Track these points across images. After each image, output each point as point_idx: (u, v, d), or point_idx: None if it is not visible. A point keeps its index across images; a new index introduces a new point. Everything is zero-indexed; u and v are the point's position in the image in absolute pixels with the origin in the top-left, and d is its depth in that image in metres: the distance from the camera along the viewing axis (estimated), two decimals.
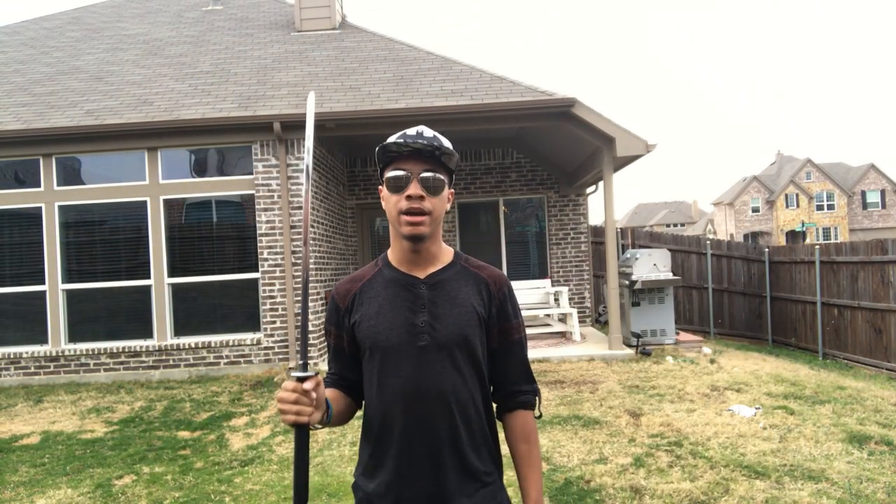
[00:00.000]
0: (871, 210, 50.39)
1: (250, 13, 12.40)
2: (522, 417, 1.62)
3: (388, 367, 1.54)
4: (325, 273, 8.97)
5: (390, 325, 1.55)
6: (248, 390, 7.09)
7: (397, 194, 1.52)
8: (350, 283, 1.66)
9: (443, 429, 1.51)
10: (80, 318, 8.28)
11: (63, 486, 4.56)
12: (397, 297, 1.57)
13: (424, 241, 1.55)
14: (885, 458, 4.51)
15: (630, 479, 4.17)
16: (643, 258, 9.02)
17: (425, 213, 1.51)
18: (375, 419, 1.56)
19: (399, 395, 1.52)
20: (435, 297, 1.56)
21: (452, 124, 8.43)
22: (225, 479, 4.54)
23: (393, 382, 1.53)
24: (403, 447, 1.52)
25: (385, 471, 1.54)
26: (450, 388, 1.52)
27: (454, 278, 1.60)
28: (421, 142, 1.50)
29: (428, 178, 1.51)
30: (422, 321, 1.54)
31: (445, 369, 1.52)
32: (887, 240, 9.53)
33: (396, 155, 1.53)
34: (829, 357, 10.85)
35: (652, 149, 8.24)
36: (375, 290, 1.60)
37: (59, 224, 8.30)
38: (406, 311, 1.55)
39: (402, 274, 1.60)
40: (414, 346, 1.52)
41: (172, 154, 8.35)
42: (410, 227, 1.51)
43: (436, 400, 1.51)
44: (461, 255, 1.67)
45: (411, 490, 1.52)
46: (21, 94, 9.10)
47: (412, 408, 1.51)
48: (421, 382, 1.51)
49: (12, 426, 6.14)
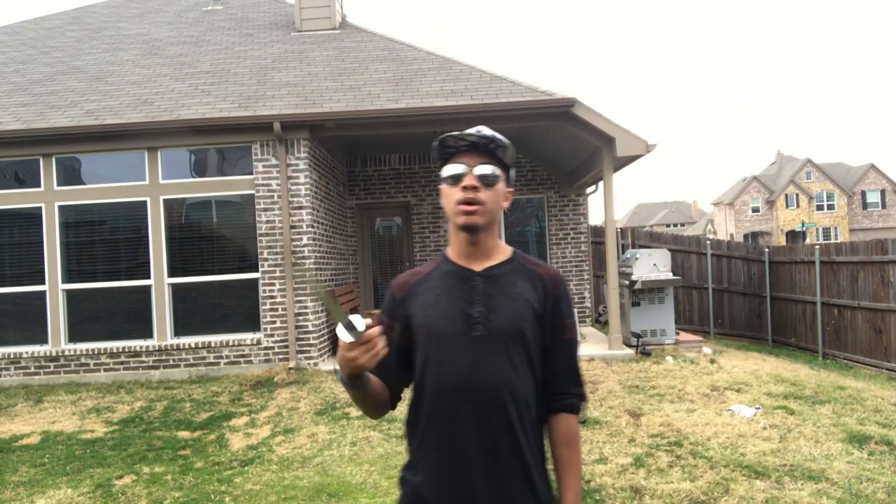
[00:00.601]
0: (871, 210, 50.39)
1: (250, 13, 12.40)
2: (566, 421, 1.61)
3: (442, 357, 1.56)
4: (325, 273, 8.97)
5: (445, 314, 1.57)
6: (248, 390, 7.09)
7: (454, 186, 1.58)
8: (409, 276, 1.71)
9: (497, 422, 1.51)
10: (81, 318, 8.28)
11: (63, 486, 4.56)
12: (454, 288, 1.60)
13: (479, 232, 1.59)
14: (885, 458, 4.51)
15: (630, 479, 4.17)
16: (643, 258, 9.03)
17: (479, 203, 1.55)
18: (426, 409, 1.57)
19: (452, 384, 1.53)
20: (490, 289, 1.58)
21: (452, 124, 8.41)
22: (225, 479, 4.54)
23: (446, 372, 1.54)
24: (456, 437, 1.52)
25: (436, 462, 1.55)
26: (503, 380, 1.52)
27: (510, 273, 1.62)
28: (477, 136, 1.56)
29: (483, 171, 1.56)
30: (477, 312, 1.56)
31: (499, 360, 1.53)
32: (887, 240, 9.53)
33: (454, 150, 1.59)
34: (829, 357, 10.85)
35: (652, 149, 8.24)
36: (432, 281, 1.65)
37: (59, 224, 8.30)
38: (462, 302, 1.58)
39: (458, 267, 1.63)
40: (468, 337, 1.54)
41: (172, 154, 8.35)
42: (465, 216, 1.55)
43: (489, 390, 1.52)
44: (519, 252, 1.70)
45: (466, 481, 1.51)
46: (21, 94, 9.10)
47: (467, 397, 1.52)
48: (475, 372, 1.52)
49: (12, 426, 6.15)
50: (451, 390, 1.53)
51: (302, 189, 8.18)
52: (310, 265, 8.15)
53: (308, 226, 8.18)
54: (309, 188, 8.21)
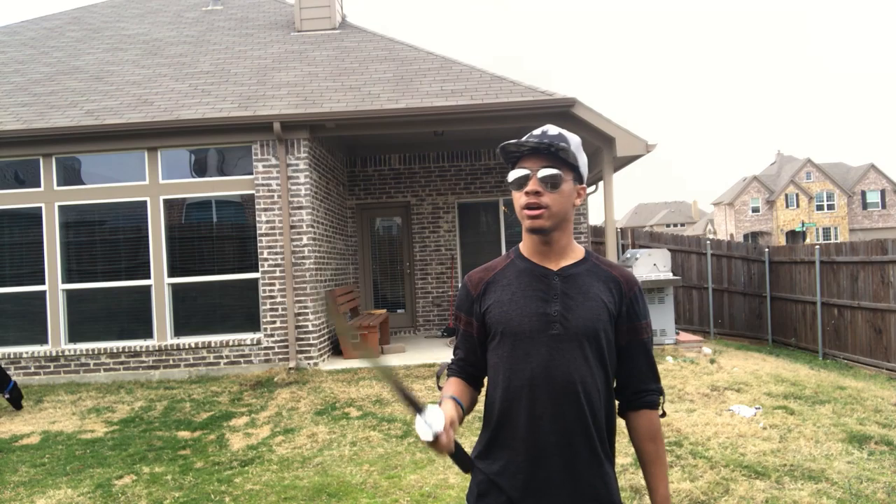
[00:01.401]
0: (871, 210, 50.41)
1: (250, 13, 12.41)
2: (648, 417, 1.66)
3: (518, 353, 1.59)
4: (325, 273, 8.97)
5: (522, 312, 1.60)
6: (248, 390, 7.09)
7: (519, 191, 1.61)
8: (483, 272, 1.73)
9: (572, 417, 1.56)
10: (81, 318, 8.28)
11: (63, 486, 4.56)
12: (530, 286, 1.63)
13: (546, 233, 1.61)
14: (885, 458, 4.52)
15: (630, 479, 4.17)
16: (643, 258, 9.03)
17: (543, 206, 1.57)
18: (501, 404, 1.61)
19: (528, 381, 1.57)
20: (568, 288, 1.61)
21: (452, 124, 8.44)
22: (225, 479, 4.54)
23: (523, 368, 1.58)
24: (533, 431, 1.57)
25: (512, 453, 1.59)
26: (578, 378, 1.56)
27: (586, 273, 1.65)
28: (538, 139, 1.58)
29: (545, 174, 1.57)
30: (554, 311, 1.59)
31: (576, 359, 1.57)
32: (887, 240, 9.53)
33: (518, 155, 1.61)
34: (829, 357, 10.85)
35: (652, 149, 8.25)
36: (508, 278, 1.67)
37: (59, 224, 8.30)
38: (538, 301, 1.60)
39: (534, 265, 1.65)
40: (546, 334, 1.58)
41: (172, 154, 8.35)
42: (530, 220, 1.59)
43: (564, 388, 1.56)
44: (592, 253, 1.72)
45: (542, 474, 1.56)
46: (21, 94, 9.10)
47: (543, 393, 1.56)
48: (552, 370, 1.56)
49: (12, 426, 6.15)
50: (528, 386, 1.57)
51: (302, 189, 8.18)
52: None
53: (308, 226, 8.18)
54: (309, 188, 8.22)
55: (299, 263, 8.14)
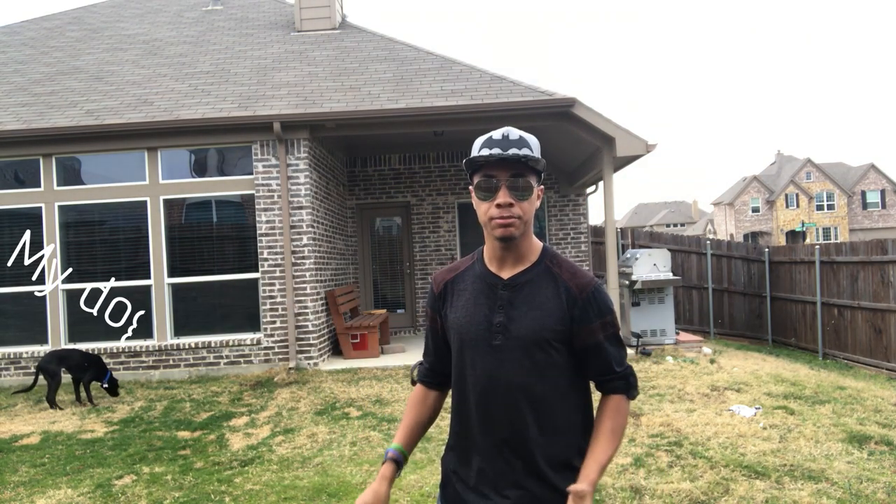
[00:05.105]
0: (871, 210, 50.40)
1: (250, 13, 12.40)
2: (614, 400, 1.66)
3: (466, 360, 1.66)
4: (325, 273, 8.97)
5: (471, 320, 1.65)
6: (248, 390, 7.09)
7: (487, 202, 1.58)
8: (446, 273, 1.78)
9: (519, 422, 1.60)
10: (80, 318, 8.28)
11: (63, 486, 4.56)
12: (481, 293, 1.67)
13: (515, 240, 1.62)
14: (885, 458, 4.52)
15: (630, 479, 4.17)
16: (643, 258, 9.03)
17: (515, 216, 1.57)
18: (456, 405, 1.71)
19: (474, 387, 1.64)
20: (513, 298, 1.63)
21: (452, 124, 8.43)
22: (225, 479, 4.54)
23: (469, 374, 1.65)
24: (479, 435, 1.64)
25: (458, 450, 1.71)
26: (523, 385, 1.60)
27: (536, 280, 1.65)
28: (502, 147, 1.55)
29: (516, 183, 1.56)
30: (497, 321, 1.62)
31: (522, 367, 1.60)
32: (887, 240, 9.53)
33: (484, 163, 1.58)
34: (829, 357, 10.85)
35: (652, 149, 8.24)
36: (465, 283, 1.71)
37: (59, 224, 8.30)
38: (485, 310, 1.64)
39: (488, 272, 1.68)
40: (489, 344, 1.62)
41: (172, 154, 8.35)
42: (501, 229, 1.58)
43: (507, 395, 1.60)
44: (549, 252, 1.71)
45: (473, 470, 1.66)
46: (21, 94, 9.10)
47: (488, 399, 1.62)
48: (494, 379, 1.61)
49: (12, 426, 6.15)
50: (474, 392, 1.64)
51: (302, 189, 8.18)
52: (310, 264, 8.14)
53: (308, 226, 8.18)
54: (309, 188, 8.22)
55: (299, 263, 8.14)
